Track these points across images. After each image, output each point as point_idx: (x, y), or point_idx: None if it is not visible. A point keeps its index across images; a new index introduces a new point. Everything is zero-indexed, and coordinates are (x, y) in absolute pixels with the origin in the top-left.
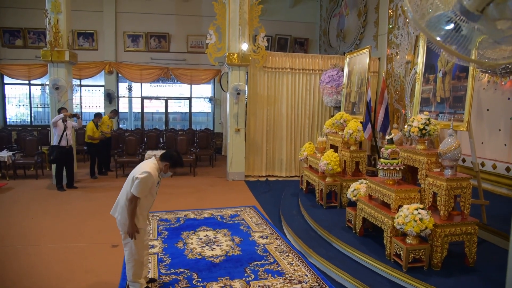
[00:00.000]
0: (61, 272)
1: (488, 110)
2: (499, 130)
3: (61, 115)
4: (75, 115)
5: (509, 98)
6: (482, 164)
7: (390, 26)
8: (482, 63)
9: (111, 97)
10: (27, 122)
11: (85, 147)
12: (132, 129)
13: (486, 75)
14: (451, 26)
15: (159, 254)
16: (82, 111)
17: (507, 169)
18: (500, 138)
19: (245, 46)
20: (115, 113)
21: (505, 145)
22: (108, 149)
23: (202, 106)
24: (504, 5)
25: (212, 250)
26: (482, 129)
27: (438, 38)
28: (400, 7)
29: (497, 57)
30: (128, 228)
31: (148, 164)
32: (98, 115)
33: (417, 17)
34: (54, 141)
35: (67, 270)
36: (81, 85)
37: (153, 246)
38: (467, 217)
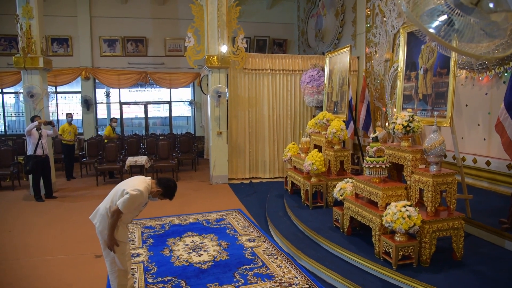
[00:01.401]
0: (42, 287)
1: (466, 105)
2: (478, 125)
3: (35, 123)
4: (50, 123)
5: (486, 93)
6: (463, 159)
7: (368, 25)
8: (479, 57)
9: (88, 104)
10: (1, 131)
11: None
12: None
13: (464, 71)
14: (444, 17)
15: (145, 262)
16: (59, 118)
17: (487, 163)
18: (479, 132)
19: (224, 48)
20: (115, 120)
21: (484, 139)
22: (71, 157)
23: (182, 110)
24: None
25: (199, 256)
26: (461, 124)
27: (432, 30)
28: (377, 6)
29: (474, 52)
30: (107, 241)
31: (142, 183)
32: (113, 120)
33: (410, 11)
34: (29, 151)
35: (49, 285)
36: (57, 92)
37: (138, 255)
38: (453, 212)
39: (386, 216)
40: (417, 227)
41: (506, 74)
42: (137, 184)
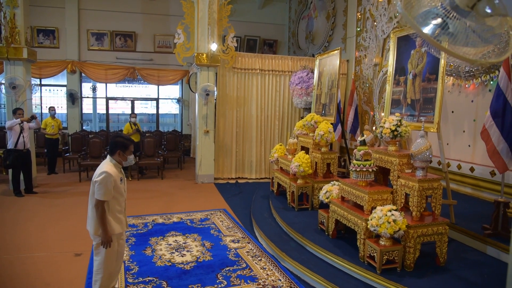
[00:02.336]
0: (19, 286)
1: (453, 112)
2: (464, 131)
3: (17, 120)
4: (32, 118)
5: (472, 101)
6: (448, 165)
7: (359, 29)
8: (473, 61)
9: (74, 98)
10: None
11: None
12: (97, 131)
13: (451, 78)
14: (439, 21)
15: (126, 262)
16: (43, 112)
17: (471, 169)
18: (464, 139)
19: (214, 46)
20: (134, 116)
21: (469, 146)
22: (54, 151)
23: (169, 107)
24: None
25: (182, 256)
26: (447, 130)
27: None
28: (368, 10)
29: (468, 56)
30: (102, 237)
31: (103, 165)
32: (132, 115)
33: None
34: (9, 145)
35: (25, 284)
36: (41, 85)
37: None
38: (438, 217)
39: (371, 220)
40: (402, 232)
41: (491, 82)
42: (100, 169)
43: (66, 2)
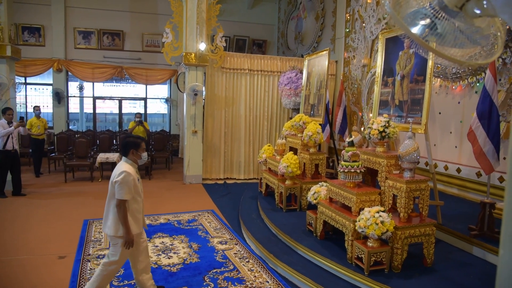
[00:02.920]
0: None
1: (440, 113)
2: (450, 132)
3: (11, 129)
4: (21, 124)
5: (459, 102)
6: (435, 166)
7: (347, 30)
8: (462, 62)
9: (60, 97)
10: None
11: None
12: (83, 131)
13: (438, 79)
14: (427, 21)
15: None
16: (28, 111)
17: (458, 170)
18: (451, 140)
19: (202, 46)
20: (138, 116)
21: (456, 147)
22: (39, 152)
23: (158, 107)
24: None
25: (169, 258)
26: (434, 131)
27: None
28: (357, 11)
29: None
30: (125, 237)
31: (121, 165)
32: (137, 115)
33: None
34: None
35: (7, 287)
36: (26, 83)
37: (104, 256)
38: (425, 218)
39: (359, 221)
40: (389, 233)
41: (478, 84)
42: (117, 170)
43: None
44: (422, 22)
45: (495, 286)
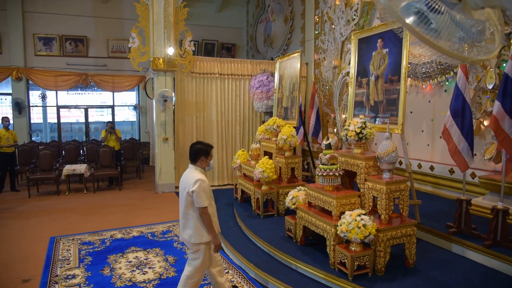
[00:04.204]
0: None
1: (411, 112)
2: (422, 131)
3: None
4: None
5: (429, 101)
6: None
7: (317, 32)
8: (465, 58)
9: (20, 107)
10: None
11: None
12: (47, 142)
13: (409, 79)
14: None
15: (82, 285)
16: None
17: (431, 167)
18: (423, 138)
19: (171, 51)
20: (111, 125)
21: (428, 145)
22: (11, 166)
23: (126, 115)
24: None
25: (144, 274)
26: (407, 130)
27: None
28: (326, 13)
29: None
30: (214, 241)
31: (191, 174)
32: (109, 124)
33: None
34: None
35: None
36: None
37: (74, 276)
38: (406, 219)
39: (341, 225)
40: (372, 236)
41: (447, 83)
42: (191, 178)
43: (8, 4)
44: (416, 16)
45: None
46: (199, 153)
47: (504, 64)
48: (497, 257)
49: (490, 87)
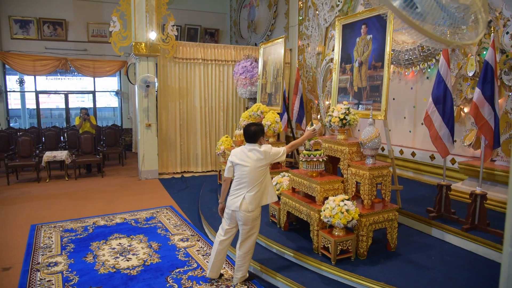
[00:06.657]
0: None
1: (394, 99)
2: (404, 118)
3: None
4: None
5: (412, 88)
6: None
7: (301, 18)
8: (450, 42)
9: None
10: None
11: None
12: (26, 128)
13: (392, 66)
14: None
15: (64, 272)
16: None
17: (413, 154)
18: (405, 125)
19: (153, 35)
20: (85, 111)
21: (410, 131)
22: None
23: (108, 101)
24: None
25: (128, 260)
26: (389, 117)
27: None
28: None
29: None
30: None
31: (254, 148)
32: (83, 110)
33: None
34: None
35: None
36: None
37: (56, 264)
38: (388, 204)
39: (324, 211)
40: (355, 221)
41: (429, 70)
42: (256, 153)
43: None
44: (401, 1)
45: (499, 285)
46: (258, 133)
47: (485, 52)
48: (474, 240)
49: (470, 74)
